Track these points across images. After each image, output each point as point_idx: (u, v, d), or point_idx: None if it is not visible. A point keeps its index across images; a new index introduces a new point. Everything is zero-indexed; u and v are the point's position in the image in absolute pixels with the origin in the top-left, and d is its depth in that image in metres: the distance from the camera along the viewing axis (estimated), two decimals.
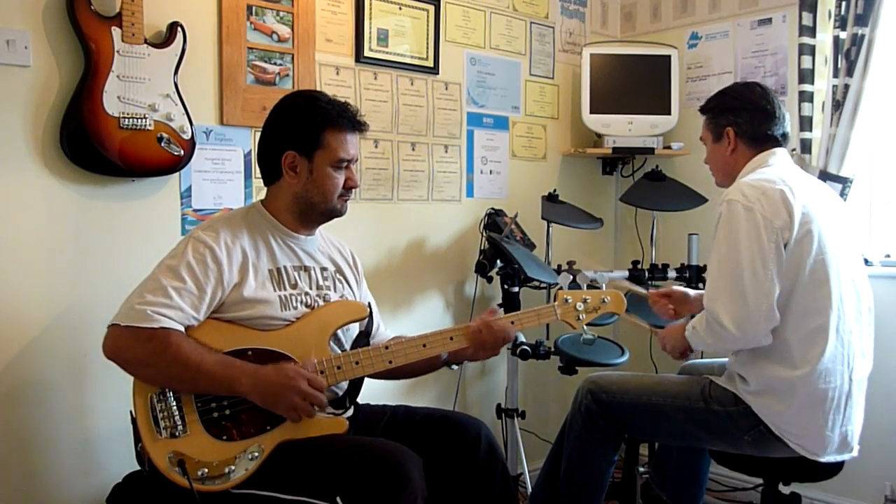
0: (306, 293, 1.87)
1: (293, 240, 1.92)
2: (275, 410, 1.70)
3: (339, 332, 1.89)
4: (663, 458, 2.45)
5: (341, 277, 2.01)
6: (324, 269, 1.96)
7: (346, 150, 1.86)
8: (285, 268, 1.87)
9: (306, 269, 1.92)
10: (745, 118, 2.11)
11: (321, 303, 1.89)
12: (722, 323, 1.91)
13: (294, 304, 1.84)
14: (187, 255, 1.74)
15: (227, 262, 1.77)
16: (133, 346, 1.66)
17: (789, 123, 2.16)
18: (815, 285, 1.93)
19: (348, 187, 1.90)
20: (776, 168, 2.05)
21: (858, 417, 2.01)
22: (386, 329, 2.13)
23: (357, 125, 1.89)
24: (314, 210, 1.90)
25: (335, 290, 1.95)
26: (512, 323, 1.92)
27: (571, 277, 2.03)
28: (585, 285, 2.01)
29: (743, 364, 2.00)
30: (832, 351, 1.92)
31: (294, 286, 1.86)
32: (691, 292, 2.28)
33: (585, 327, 2.00)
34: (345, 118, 1.86)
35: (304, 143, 1.84)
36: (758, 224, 1.91)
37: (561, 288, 2.01)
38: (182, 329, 1.69)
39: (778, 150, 2.11)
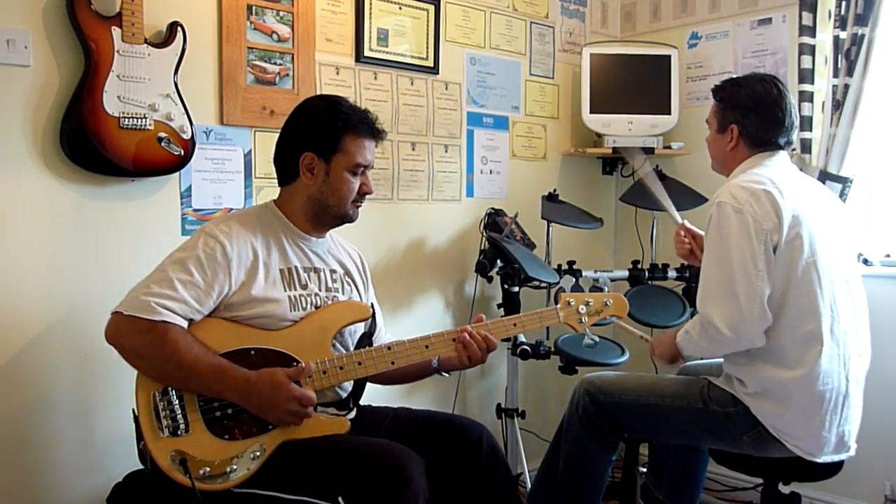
0: (316, 294, 1.88)
1: (304, 241, 1.93)
2: (267, 418, 1.70)
3: (344, 332, 1.90)
4: (659, 458, 2.44)
5: (350, 280, 2.01)
6: (333, 271, 1.96)
7: (364, 156, 1.88)
8: (296, 268, 1.88)
9: (316, 270, 1.92)
10: (753, 121, 2.08)
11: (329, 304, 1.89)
12: (715, 325, 1.91)
13: (303, 305, 1.84)
14: (198, 248, 1.75)
15: (236, 259, 1.77)
16: (131, 336, 1.67)
17: (796, 133, 2.12)
18: (807, 288, 1.93)
19: (363, 193, 1.92)
20: (769, 169, 2.04)
21: (856, 417, 2.01)
22: (386, 333, 2.13)
23: (376, 133, 1.92)
24: (327, 213, 1.91)
25: (343, 293, 1.96)
26: (514, 325, 1.92)
27: (574, 280, 2.03)
28: (588, 288, 2.01)
29: (739, 367, 2.00)
30: (828, 353, 1.92)
31: (304, 287, 1.87)
32: None
33: (588, 330, 2.00)
34: (365, 125, 1.89)
35: (323, 145, 1.86)
36: (748, 226, 1.91)
37: (563, 290, 2.01)
38: (184, 323, 1.70)
39: (777, 152, 2.10)
